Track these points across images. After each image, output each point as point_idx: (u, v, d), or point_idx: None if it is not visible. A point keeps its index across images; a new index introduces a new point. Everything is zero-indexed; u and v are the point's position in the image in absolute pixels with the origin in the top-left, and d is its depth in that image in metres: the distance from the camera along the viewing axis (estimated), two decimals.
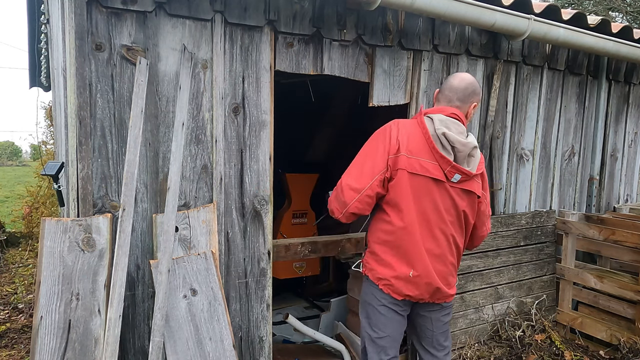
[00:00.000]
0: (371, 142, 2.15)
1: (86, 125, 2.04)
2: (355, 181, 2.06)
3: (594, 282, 3.46)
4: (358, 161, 2.12)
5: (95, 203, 2.10)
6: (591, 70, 3.83)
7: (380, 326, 2.18)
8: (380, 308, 2.16)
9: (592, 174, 4.00)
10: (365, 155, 2.12)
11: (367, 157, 2.10)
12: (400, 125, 2.13)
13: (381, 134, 2.14)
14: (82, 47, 2.00)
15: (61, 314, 1.95)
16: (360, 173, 2.07)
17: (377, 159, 2.07)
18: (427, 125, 2.08)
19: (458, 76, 2.20)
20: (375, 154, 2.08)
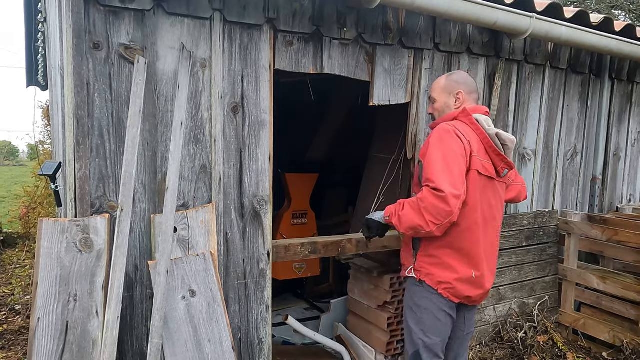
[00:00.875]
0: (444, 145, 2.06)
1: (84, 125, 2.04)
2: (454, 187, 1.96)
3: (596, 283, 3.45)
4: (444, 165, 2.00)
5: (93, 203, 2.10)
6: (594, 69, 3.83)
7: (437, 332, 2.18)
8: (438, 314, 2.16)
9: (595, 173, 4.00)
10: (445, 157, 2.02)
11: (450, 160, 2.02)
12: (457, 127, 2.11)
13: (449, 136, 2.07)
14: (79, 46, 2.00)
15: (59, 316, 1.95)
16: (453, 177, 1.98)
17: (460, 161, 2.03)
18: (478, 125, 2.14)
19: (468, 75, 2.31)
20: (455, 155, 2.03)
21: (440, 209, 1.95)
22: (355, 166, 4.46)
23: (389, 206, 2.20)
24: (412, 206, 2.04)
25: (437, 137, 2.09)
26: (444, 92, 2.28)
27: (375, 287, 3.30)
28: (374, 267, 3.32)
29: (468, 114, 2.17)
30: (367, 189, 3.82)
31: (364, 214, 3.62)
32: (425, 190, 1.99)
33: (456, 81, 2.26)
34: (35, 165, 8.12)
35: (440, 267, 2.12)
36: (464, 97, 2.23)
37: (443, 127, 2.12)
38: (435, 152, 2.05)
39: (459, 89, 2.24)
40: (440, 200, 1.94)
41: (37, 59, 6.07)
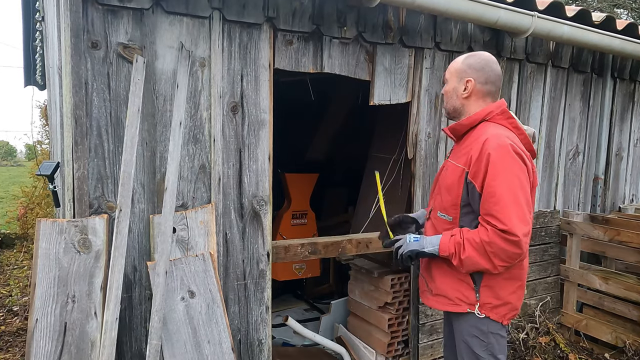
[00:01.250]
0: (509, 172, 1.82)
1: (82, 125, 2.04)
2: (525, 224, 1.79)
3: (598, 283, 3.45)
4: (513, 200, 1.79)
5: (92, 204, 2.10)
6: (596, 68, 3.83)
7: (504, 350, 2.04)
8: (502, 332, 2.01)
9: (597, 173, 3.99)
10: (513, 189, 1.80)
11: (518, 191, 1.81)
12: (512, 139, 1.89)
13: (511, 159, 1.83)
14: (77, 45, 2.00)
15: (57, 317, 1.95)
16: (523, 213, 1.80)
17: (527, 188, 1.85)
18: (521, 127, 1.97)
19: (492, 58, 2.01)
20: (522, 184, 1.83)
21: (511, 254, 1.79)
22: (356, 166, 4.46)
23: (443, 239, 1.94)
24: (477, 248, 1.83)
25: (497, 159, 1.81)
26: (456, 75, 2.03)
27: (375, 288, 3.30)
28: (374, 268, 3.32)
29: (509, 115, 1.94)
30: (368, 189, 3.82)
31: (365, 214, 3.63)
32: (492, 232, 1.78)
33: (471, 66, 1.99)
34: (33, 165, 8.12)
35: (508, 299, 1.96)
36: (473, 87, 1.97)
37: (502, 144, 1.83)
38: (500, 184, 1.80)
39: (471, 75, 1.98)
40: (513, 245, 1.77)
41: (35, 59, 6.07)
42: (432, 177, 3.08)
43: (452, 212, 1.99)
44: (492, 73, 2.00)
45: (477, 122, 1.98)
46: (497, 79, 2.02)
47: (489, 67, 2.00)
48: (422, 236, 2.04)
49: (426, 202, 3.08)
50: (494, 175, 1.81)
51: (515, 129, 1.95)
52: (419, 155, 3.00)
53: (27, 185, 7.78)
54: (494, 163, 1.81)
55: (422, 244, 1.98)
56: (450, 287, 2.01)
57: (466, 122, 2.01)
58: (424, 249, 1.98)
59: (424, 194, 3.05)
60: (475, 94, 1.99)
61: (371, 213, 3.53)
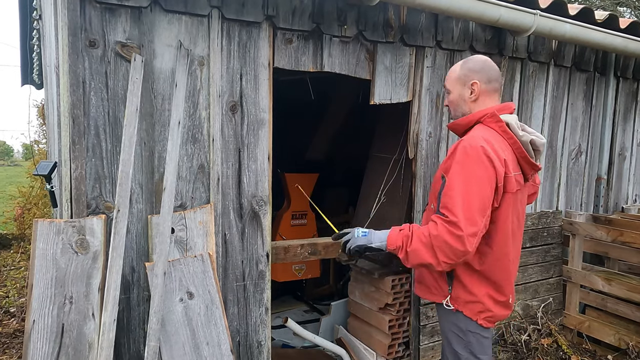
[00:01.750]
0: (468, 169, 1.85)
1: (79, 124, 2.04)
2: (472, 223, 1.79)
3: (601, 284, 3.45)
4: (465, 195, 1.82)
5: (89, 204, 2.10)
6: (599, 67, 3.83)
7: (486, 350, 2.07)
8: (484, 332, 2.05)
9: (600, 173, 4.00)
10: (468, 185, 1.83)
11: (474, 189, 1.82)
12: (489, 140, 1.90)
13: (477, 159, 1.85)
14: (75, 44, 2.00)
15: (54, 318, 1.95)
16: (472, 212, 1.80)
17: (485, 191, 1.83)
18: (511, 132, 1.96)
19: (487, 58, 2.06)
20: (480, 183, 1.83)
21: (455, 249, 1.79)
22: (356, 166, 4.46)
23: (392, 233, 1.98)
24: (423, 241, 1.85)
25: (463, 157, 1.86)
26: (458, 82, 2.05)
27: (376, 289, 3.30)
28: (375, 269, 3.33)
29: (498, 119, 1.95)
30: (368, 189, 3.82)
31: (365, 214, 3.63)
32: (441, 225, 1.81)
33: (472, 69, 2.02)
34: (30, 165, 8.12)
35: (480, 298, 1.99)
36: (479, 88, 2.00)
37: (473, 145, 1.86)
38: (457, 177, 1.85)
39: (474, 78, 2.00)
40: (456, 239, 1.78)
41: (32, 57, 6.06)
42: (433, 177, 3.08)
43: (434, 204, 2.04)
44: (492, 71, 2.04)
45: (473, 123, 2.02)
46: (498, 76, 2.06)
47: (487, 66, 2.04)
48: (370, 230, 2.05)
49: (426, 203, 3.08)
50: (456, 172, 1.86)
51: (504, 133, 1.95)
52: (420, 155, 3.00)
53: (24, 185, 7.78)
54: (457, 160, 1.87)
55: (370, 239, 2.01)
56: (429, 276, 2.11)
57: (463, 122, 2.06)
58: (371, 244, 2.01)
59: (425, 194, 3.05)
60: (482, 94, 2.02)
61: (372, 213, 3.53)
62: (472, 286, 1.99)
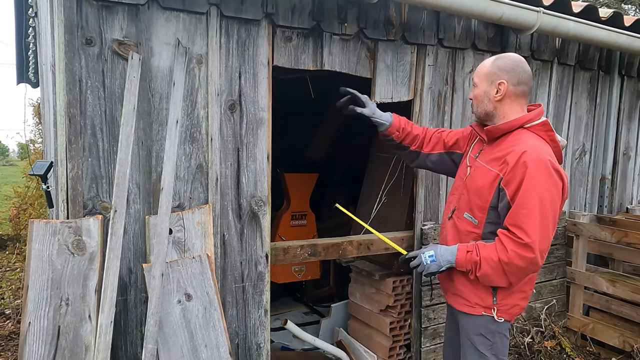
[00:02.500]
0: (544, 188, 1.87)
1: (76, 123, 2.04)
2: (546, 242, 1.88)
3: (605, 286, 3.45)
4: (542, 217, 1.85)
5: (86, 204, 2.10)
6: (603, 65, 3.83)
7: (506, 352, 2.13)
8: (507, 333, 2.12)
9: (604, 173, 4.00)
10: (544, 206, 1.86)
11: (549, 210, 1.87)
12: (550, 154, 1.94)
13: (550, 175, 1.88)
14: (71, 42, 2.00)
15: (50, 320, 1.95)
16: (547, 232, 1.87)
17: (557, 208, 1.90)
18: (558, 142, 2.02)
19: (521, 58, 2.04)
20: (554, 203, 1.89)
21: (527, 270, 1.89)
22: (357, 165, 4.46)
23: (459, 255, 2.01)
24: (494, 267, 1.90)
25: (535, 172, 1.86)
26: (486, 78, 2.03)
27: (377, 290, 3.30)
28: (375, 270, 3.33)
29: (549, 128, 1.98)
30: (369, 189, 3.82)
31: (366, 214, 3.63)
32: (511, 250, 1.85)
33: (502, 68, 2.00)
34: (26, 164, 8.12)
35: (519, 301, 2.06)
36: (506, 89, 1.99)
37: (542, 160, 1.87)
38: (533, 197, 1.85)
39: (503, 77, 1.99)
40: (530, 262, 1.84)
41: (27, 55, 6.06)
42: (435, 177, 3.08)
43: (479, 215, 2.04)
44: (523, 74, 2.01)
45: (515, 128, 2.00)
46: (528, 79, 2.03)
47: (520, 68, 2.01)
48: (436, 251, 2.08)
49: (429, 203, 3.08)
50: (529, 188, 1.85)
51: (552, 142, 1.98)
52: None
53: (19, 185, 7.78)
54: (530, 176, 1.85)
55: (440, 264, 2.06)
56: (469, 290, 2.08)
57: (504, 127, 2.02)
58: (441, 269, 2.07)
59: (427, 195, 3.05)
60: (508, 96, 2.01)
61: (373, 214, 3.53)
62: (517, 291, 2.05)
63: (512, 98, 2.02)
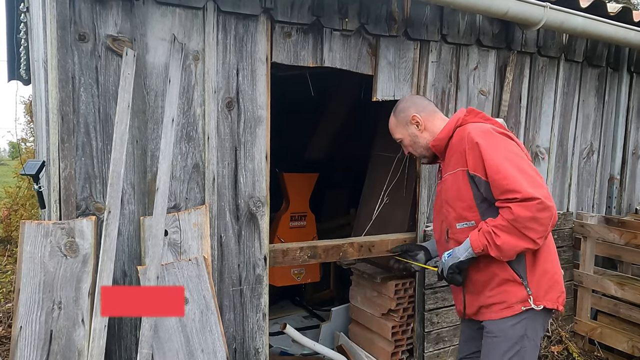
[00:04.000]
0: (497, 146, 1.95)
1: (69, 121, 2.04)
2: (539, 187, 1.86)
3: (614, 289, 3.45)
4: (516, 168, 1.89)
5: (79, 205, 2.10)
6: (611, 62, 3.83)
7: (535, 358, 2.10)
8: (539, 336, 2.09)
9: (613, 173, 4.00)
10: (510, 159, 1.92)
11: (517, 160, 1.93)
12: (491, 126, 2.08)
13: (492, 135, 1.99)
14: (64, 38, 2.00)
15: (42, 324, 1.95)
16: (532, 177, 1.89)
17: (525, 159, 1.98)
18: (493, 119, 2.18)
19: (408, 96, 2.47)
20: (518, 155, 1.96)
21: (542, 220, 1.83)
22: (357, 165, 4.46)
23: (472, 237, 2.00)
24: (508, 230, 1.87)
25: (489, 142, 1.96)
26: (401, 126, 2.26)
27: (378, 294, 3.30)
28: (377, 273, 3.32)
29: (476, 111, 2.13)
30: (370, 190, 3.82)
31: (367, 216, 3.63)
32: (515, 207, 1.84)
33: (404, 109, 2.24)
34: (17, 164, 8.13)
35: (554, 278, 2.03)
36: (421, 117, 2.21)
37: (481, 129, 2.01)
38: (499, 160, 1.90)
39: (411, 113, 2.21)
40: (539, 209, 1.81)
41: (18, 52, 6.06)
42: None
43: (472, 216, 2.07)
44: (419, 100, 2.32)
45: (452, 131, 2.13)
46: (426, 101, 2.34)
47: (412, 99, 2.31)
48: (453, 249, 2.11)
49: (431, 204, 3.08)
50: (491, 155, 1.92)
51: (488, 120, 2.12)
52: None
53: (10, 185, 7.78)
54: (485, 146, 1.94)
55: (457, 255, 2.05)
56: (499, 293, 2.06)
57: (442, 136, 2.16)
58: (460, 258, 2.03)
59: (430, 195, 3.05)
60: (426, 120, 2.21)
61: (374, 215, 3.53)
62: (546, 265, 2.02)
63: (430, 120, 2.22)
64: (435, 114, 2.25)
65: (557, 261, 2.13)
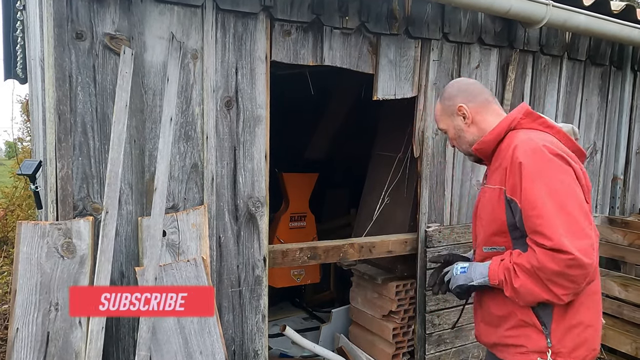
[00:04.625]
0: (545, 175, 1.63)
1: (66, 121, 2.04)
2: (580, 237, 1.55)
3: (617, 290, 3.45)
4: (557, 208, 1.58)
5: (76, 205, 2.10)
6: (615, 61, 3.83)
7: None
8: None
9: (616, 173, 3.99)
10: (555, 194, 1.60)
11: (563, 195, 1.60)
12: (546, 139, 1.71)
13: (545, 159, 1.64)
14: (61, 36, 2.00)
15: (39, 326, 1.95)
16: (575, 223, 1.57)
17: (576, 191, 1.63)
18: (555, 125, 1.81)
19: (460, 80, 2.04)
20: (567, 186, 1.62)
21: (572, 276, 1.54)
22: (358, 165, 4.46)
23: (492, 264, 1.75)
24: (530, 275, 1.61)
25: (533, 166, 1.64)
26: (446, 115, 1.95)
27: (379, 295, 3.30)
28: (378, 274, 3.33)
29: (537, 115, 1.78)
30: (371, 190, 3.82)
31: (368, 216, 3.63)
32: (541, 254, 1.56)
33: (451, 97, 1.93)
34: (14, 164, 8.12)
35: (587, 332, 1.72)
36: (469, 109, 1.88)
37: (534, 148, 1.66)
38: (539, 193, 1.60)
39: (457, 103, 1.89)
40: (568, 265, 1.53)
41: (15, 50, 6.06)
42: (439, 176, 3.08)
43: (502, 242, 1.81)
44: (472, 86, 1.94)
45: (503, 134, 1.82)
46: (480, 88, 1.94)
47: (464, 85, 1.95)
48: (470, 264, 1.89)
49: (433, 204, 3.08)
50: (531, 185, 1.62)
51: (549, 128, 1.78)
52: (426, 154, 3.01)
53: (7, 185, 7.78)
54: (527, 170, 1.64)
55: (471, 276, 1.82)
56: (518, 335, 1.77)
57: (489, 138, 1.85)
58: (472, 282, 1.81)
59: (431, 195, 3.05)
60: (475, 113, 1.89)
61: (375, 215, 3.53)
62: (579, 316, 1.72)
63: (480, 114, 1.88)
64: (488, 105, 1.89)
65: (597, 311, 1.79)
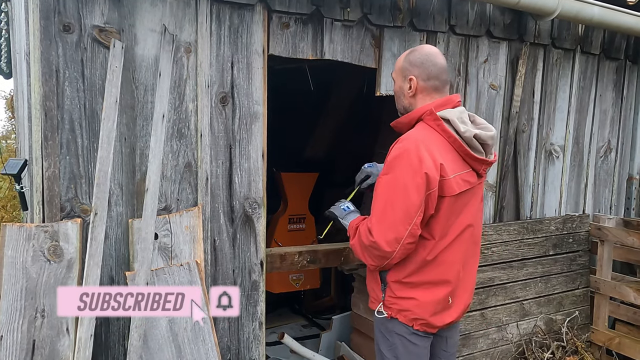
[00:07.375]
0: (395, 174, 1.96)
1: (52, 118, 2.05)
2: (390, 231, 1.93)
3: (633, 296, 3.45)
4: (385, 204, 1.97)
5: (63, 206, 2.10)
6: (630, 55, 3.83)
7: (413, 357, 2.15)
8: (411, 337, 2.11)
9: (632, 172, 4.00)
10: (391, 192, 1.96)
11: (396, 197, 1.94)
12: (427, 141, 1.96)
13: (406, 162, 1.94)
14: (47, 28, 2.00)
15: (24, 333, 1.95)
16: (391, 220, 1.94)
17: (410, 198, 1.91)
18: (450, 130, 1.99)
19: (433, 51, 2.09)
20: (405, 191, 1.92)
21: (375, 254, 1.99)
22: (359, 164, 4.46)
23: (355, 220, 2.21)
24: (358, 240, 2.08)
25: (393, 159, 1.98)
26: (400, 73, 2.11)
27: None
28: None
29: (435, 117, 1.99)
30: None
31: None
32: (364, 230, 2.02)
33: (412, 62, 2.06)
34: None
35: (415, 303, 2.06)
36: (417, 85, 2.05)
37: (406, 147, 1.95)
38: (382, 182, 2.00)
39: (412, 73, 2.05)
40: (371, 244, 1.97)
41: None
42: None
43: None
44: (433, 67, 2.06)
45: (415, 122, 2.09)
46: (440, 72, 2.07)
47: (429, 62, 2.06)
48: (352, 210, 2.35)
49: None
50: (382, 174, 2.02)
51: (443, 131, 1.99)
52: None
53: None
54: (387, 162, 2.01)
55: (343, 216, 2.33)
56: (369, 285, 2.24)
57: (405, 120, 2.12)
58: (341, 219, 2.33)
59: None
60: (420, 91, 2.07)
61: None
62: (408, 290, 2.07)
63: (424, 93, 2.07)
64: (433, 91, 2.07)
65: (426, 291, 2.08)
